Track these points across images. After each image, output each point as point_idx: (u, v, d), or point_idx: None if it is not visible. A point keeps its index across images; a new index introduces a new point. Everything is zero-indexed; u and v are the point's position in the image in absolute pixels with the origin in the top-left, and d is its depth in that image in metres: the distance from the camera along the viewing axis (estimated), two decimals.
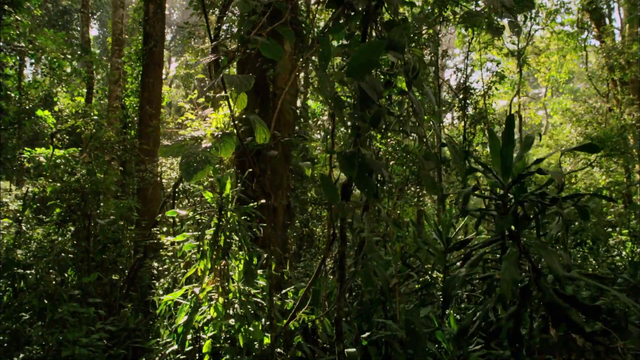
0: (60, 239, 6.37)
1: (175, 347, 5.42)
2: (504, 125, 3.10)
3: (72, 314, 5.25)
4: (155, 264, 10.23)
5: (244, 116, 8.92)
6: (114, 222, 8.81)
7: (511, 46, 23.65)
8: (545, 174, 2.75)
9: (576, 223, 9.55)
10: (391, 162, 16.70)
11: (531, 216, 2.89)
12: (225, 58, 3.01)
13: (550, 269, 2.54)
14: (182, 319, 5.25)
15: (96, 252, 8.01)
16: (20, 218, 9.14)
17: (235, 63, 11.12)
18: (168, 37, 36.06)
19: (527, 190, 3.03)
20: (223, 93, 3.89)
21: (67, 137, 13.83)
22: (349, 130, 2.79)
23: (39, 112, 13.50)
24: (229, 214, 4.83)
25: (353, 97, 2.78)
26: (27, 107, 14.34)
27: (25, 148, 11.85)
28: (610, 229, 13.32)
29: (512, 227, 2.85)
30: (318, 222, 16.12)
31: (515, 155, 2.98)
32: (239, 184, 8.64)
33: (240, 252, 4.97)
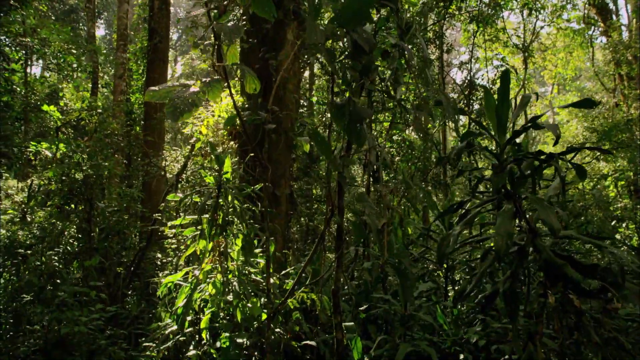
0: (60, 223, 6.38)
1: (175, 327, 5.42)
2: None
3: (73, 295, 5.26)
4: (159, 255, 10.26)
5: (246, 105, 8.93)
6: (116, 211, 8.84)
7: (517, 42, 23.54)
8: (541, 128, 2.71)
9: (582, 217, 9.47)
10: (397, 159, 16.66)
11: (527, 174, 2.86)
12: (216, 13, 3.01)
13: (546, 223, 2.50)
14: (182, 300, 5.26)
15: (99, 240, 8.03)
16: (25, 209, 9.19)
17: (238, 52, 11.09)
18: (174, 36, 36.20)
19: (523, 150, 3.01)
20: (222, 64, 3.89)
21: (72, 131, 13.90)
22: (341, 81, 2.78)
23: (45, 107, 13.57)
24: (228, 194, 4.83)
25: (345, 50, 2.76)
26: (33, 102, 14.42)
27: (31, 142, 11.92)
28: (616, 223, 13.18)
29: (508, 187, 2.82)
30: (323, 217, 16.10)
31: (510, 114, 2.95)
32: (242, 171, 8.65)
33: (240, 233, 4.97)
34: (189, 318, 5.55)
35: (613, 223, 12.05)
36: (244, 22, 6.02)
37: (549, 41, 26.75)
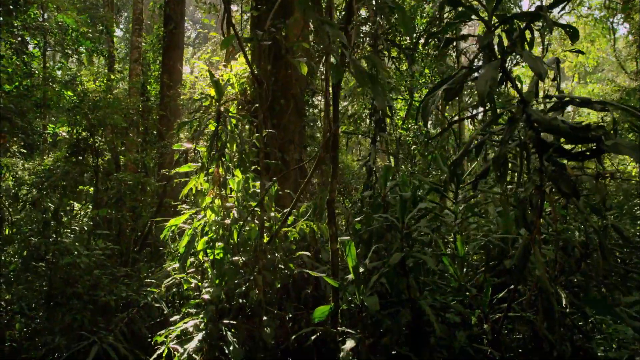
0: (66, 166, 6.44)
1: (177, 265, 5.41)
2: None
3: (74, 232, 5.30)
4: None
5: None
6: (134, 187, 8.94)
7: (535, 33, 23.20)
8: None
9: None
10: (412, 147, 16.55)
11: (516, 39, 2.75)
12: None
13: (534, 69, 2.40)
14: (184, 242, 5.23)
15: (110, 202, 8.09)
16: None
17: (249, 20, 11.18)
18: (192, 34, 36.68)
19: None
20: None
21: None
22: None
23: (64, 92, 13.80)
24: (227, 120, 4.80)
25: None
26: (52, 87, 14.70)
27: (49, 125, 12.12)
28: None
29: (497, 53, 2.72)
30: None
31: None
32: (253, 139, 8.64)
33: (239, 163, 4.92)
34: (191, 259, 5.54)
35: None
36: None
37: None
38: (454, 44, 20.41)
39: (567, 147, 3.11)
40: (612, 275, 4.91)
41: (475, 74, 2.89)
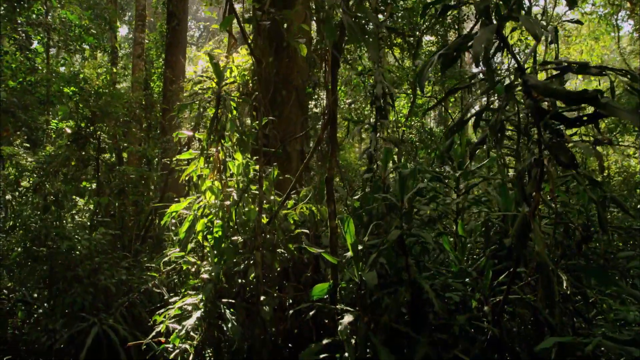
0: (67, 152, 6.46)
1: (178, 250, 5.40)
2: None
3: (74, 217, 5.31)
4: (173, 221, 10.34)
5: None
6: (137, 181, 8.97)
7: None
8: None
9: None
10: (416, 142, 16.56)
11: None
12: None
13: (529, 30, 2.39)
14: (185, 227, 5.22)
15: (114, 193, 8.11)
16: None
17: (251, 11, 11.17)
18: (196, 34, 36.79)
19: None
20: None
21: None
22: None
23: (66, 90, 13.85)
24: (227, 103, 4.80)
25: None
26: (55, 84, 14.78)
27: (52, 120, 12.17)
28: None
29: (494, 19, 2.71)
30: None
31: None
32: (253, 125, 8.65)
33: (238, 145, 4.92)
34: (192, 245, 5.54)
35: None
36: None
37: (573, 27, 26.22)
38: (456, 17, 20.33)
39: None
40: (613, 258, 4.87)
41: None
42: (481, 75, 3.15)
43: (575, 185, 4.83)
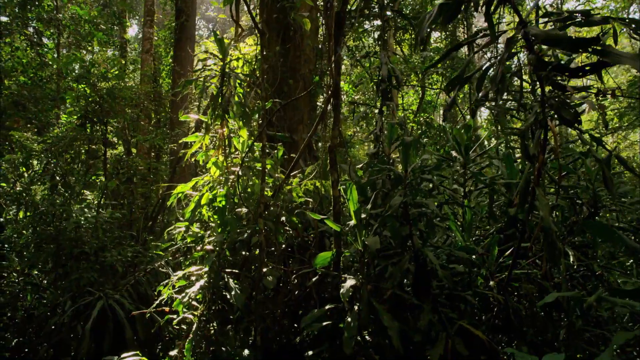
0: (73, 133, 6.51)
1: (183, 227, 5.42)
2: None
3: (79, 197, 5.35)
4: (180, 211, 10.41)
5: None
6: (145, 173, 9.04)
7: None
8: None
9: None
10: (424, 140, 16.53)
11: None
12: None
13: None
14: (191, 207, 5.24)
15: (123, 181, 8.17)
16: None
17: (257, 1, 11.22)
18: (205, 33, 36.94)
19: None
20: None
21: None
22: None
23: (74, 85, 13.97)
24: (231, 79, 4.81)
25: None
26: (66, 80, 14.91)
27: (62, 115, 12.26)
28: None
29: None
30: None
31: None
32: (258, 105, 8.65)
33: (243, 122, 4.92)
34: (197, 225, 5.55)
35: None
36: None
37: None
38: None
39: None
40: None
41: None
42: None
43: (580, 161, 4.78)
